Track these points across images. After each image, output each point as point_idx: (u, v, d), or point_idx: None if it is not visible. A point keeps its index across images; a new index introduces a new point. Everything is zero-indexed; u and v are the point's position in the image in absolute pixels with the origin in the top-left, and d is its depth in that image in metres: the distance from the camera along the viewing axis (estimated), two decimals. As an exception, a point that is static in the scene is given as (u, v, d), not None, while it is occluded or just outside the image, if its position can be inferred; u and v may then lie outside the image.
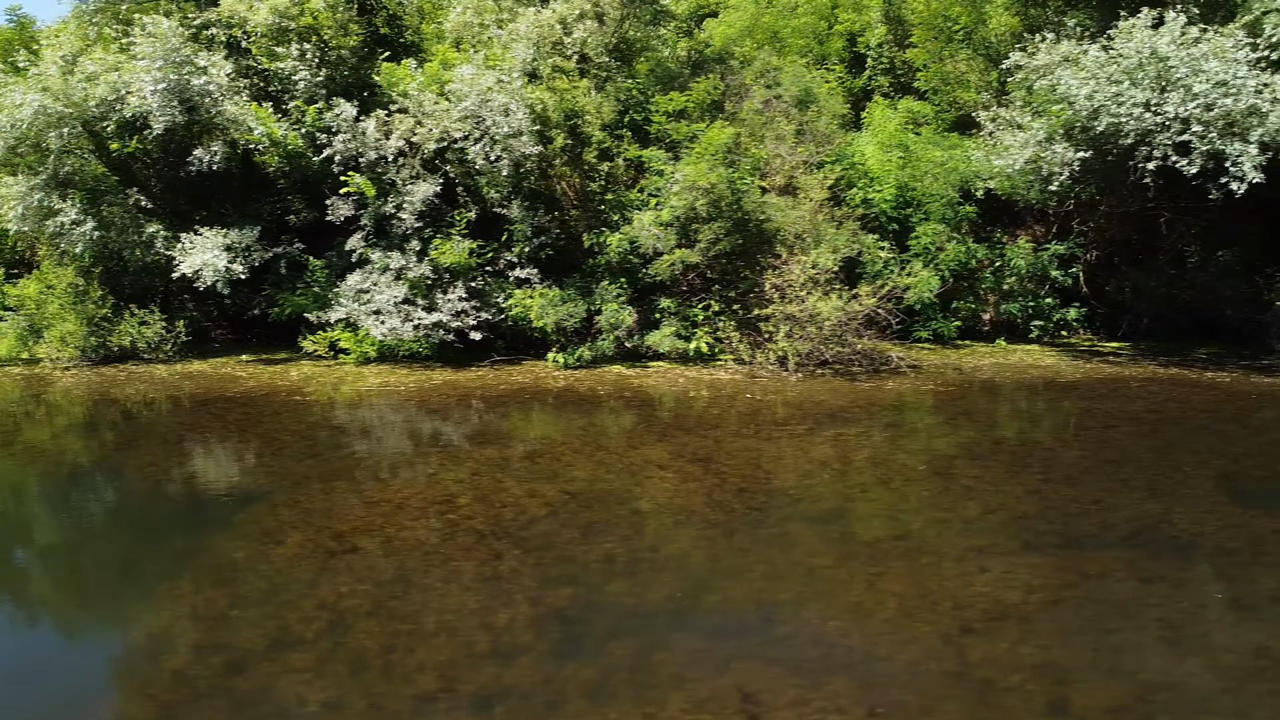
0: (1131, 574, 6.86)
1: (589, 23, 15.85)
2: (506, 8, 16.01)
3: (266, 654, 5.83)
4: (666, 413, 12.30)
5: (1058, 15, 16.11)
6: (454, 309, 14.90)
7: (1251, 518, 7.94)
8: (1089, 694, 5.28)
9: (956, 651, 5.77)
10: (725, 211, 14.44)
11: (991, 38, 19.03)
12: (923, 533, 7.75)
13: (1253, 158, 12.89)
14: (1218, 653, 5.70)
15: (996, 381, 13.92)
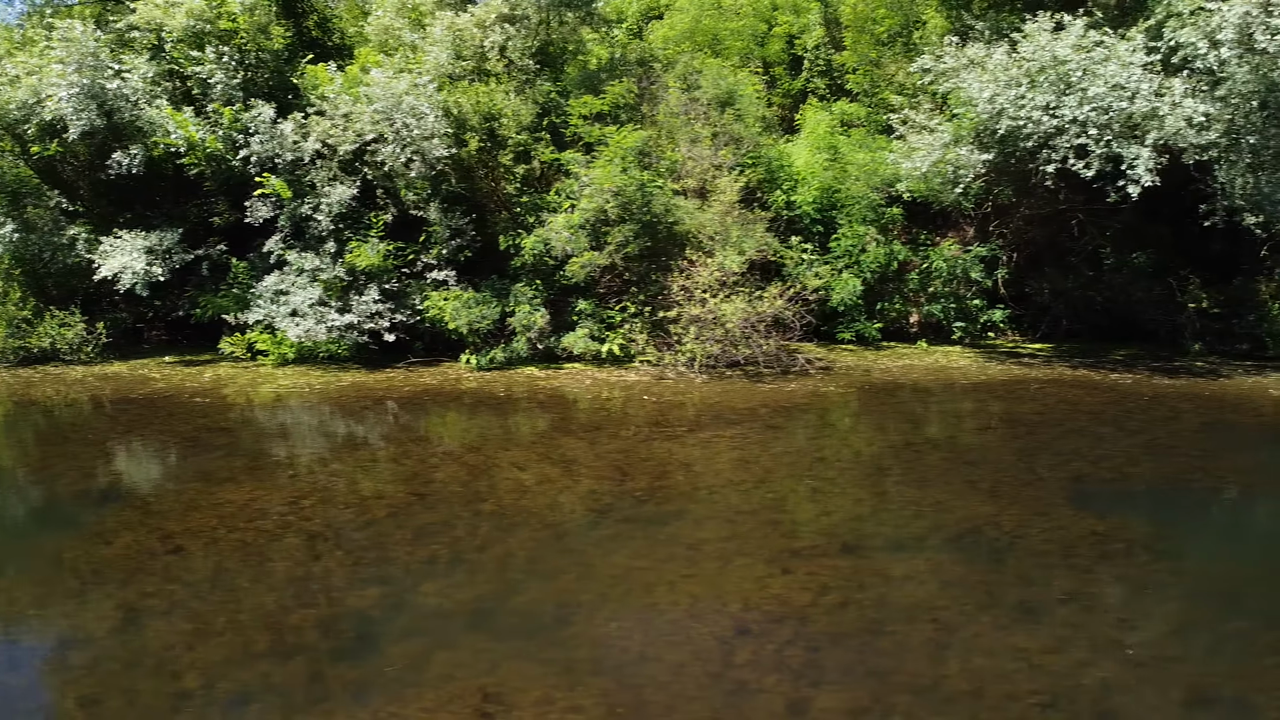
0: (934, 577, 6.94)
1: (507, 26, 15.94)
2: (426, 11, 16.10)
3: (49, 651, 5.95)
4: (555, 415, 12.40)
5: (978, 18, 16.18)
6: (368, 311, 15.01)
7: (1077, 520, 8.02)
8: (834, 696, 5.36)
9: (725, 653, 5.85)
10: (635, 214, 14.54)
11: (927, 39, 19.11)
12: (750, 535, 7.84)
13: (1147, 160, 12.98)
14: (977, 655, 5.79)
15: (900, 383, 14.00)
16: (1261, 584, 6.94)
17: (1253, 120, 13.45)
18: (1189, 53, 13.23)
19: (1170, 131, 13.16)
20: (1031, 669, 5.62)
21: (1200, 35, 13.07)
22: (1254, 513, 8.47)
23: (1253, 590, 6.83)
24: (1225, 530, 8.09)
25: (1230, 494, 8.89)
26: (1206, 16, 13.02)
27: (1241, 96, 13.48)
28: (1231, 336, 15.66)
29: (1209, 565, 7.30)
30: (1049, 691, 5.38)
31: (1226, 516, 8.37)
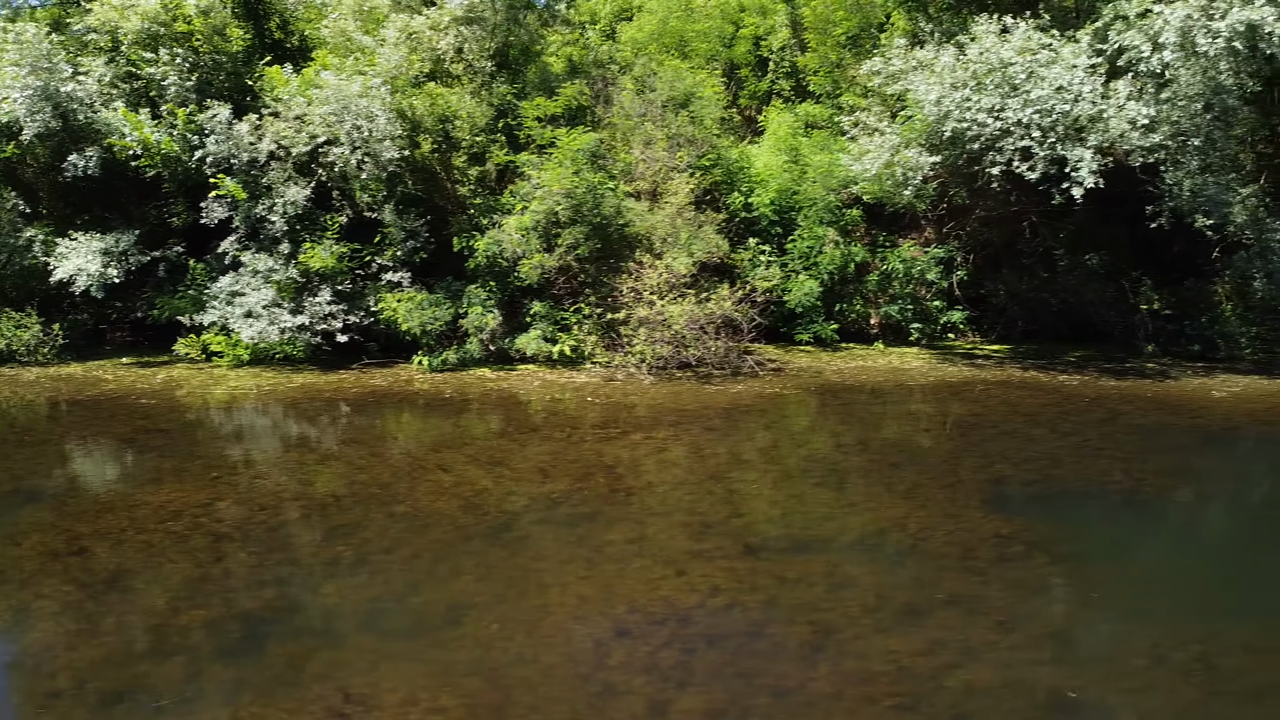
0: (827, 579, 6.99)
1: (463, 29, 15.99)
2: (381, 16, 16.15)
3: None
4: (495, 416, 12.44)
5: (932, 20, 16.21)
6: (321, 312, 15.06)
7: (985, 522, 8.06)
8: (696, 697, 5.40)
9: (600, 655, 5.89)
10: (585, 216, 14.58)
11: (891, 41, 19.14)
12: (656, 537, 7.88)
13: (1090, 162, 13.01)
14: (849, 658, 5.84)
15: (848, 385, 14.04)
16: (1150, 586, 6.98)
17: (1197, 123, 13.49)
18: (1133, 56, 13.27)
19: (1114, 134, 13.20)
20: (899, 671, 5.67)
21: (1144, 38, 13.11)
22: (1162, 515, 8.50)
23: (1140, 593, 6.87)
24: (1128, 533, 8.12)
25: (1145, 496, 8.92)
26: (1150, 20, 13.05)
27: (1187, 99, 13.52)
28: (1184, 338, 15.69)
29: (1104, 568, 7.33)
30: (910, 694, 5.42)
31: (1134, 519, 8.39)
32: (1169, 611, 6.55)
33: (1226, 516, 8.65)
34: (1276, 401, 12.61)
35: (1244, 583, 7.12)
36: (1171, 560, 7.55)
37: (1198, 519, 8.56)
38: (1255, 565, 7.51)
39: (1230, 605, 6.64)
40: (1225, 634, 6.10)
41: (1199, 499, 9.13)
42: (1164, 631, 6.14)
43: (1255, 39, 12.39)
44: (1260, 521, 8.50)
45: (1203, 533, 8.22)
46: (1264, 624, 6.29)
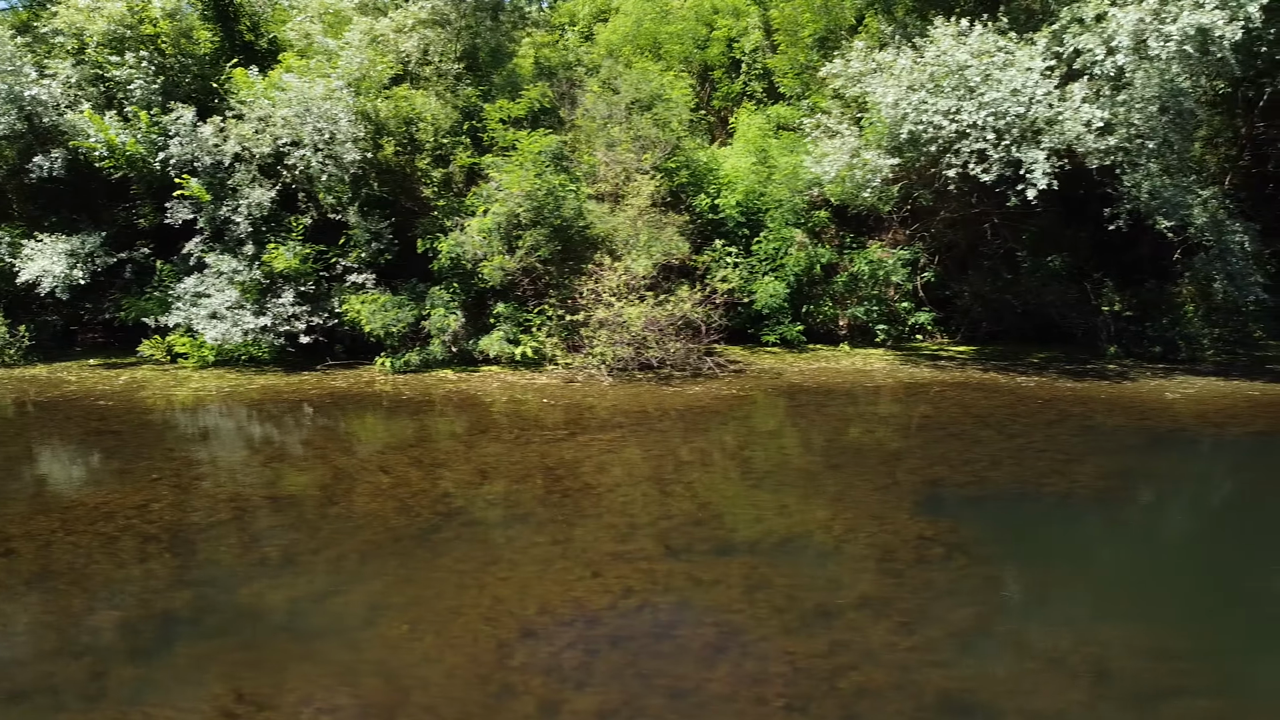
0: (744, 580, 7.03)
1: (427, 32, 16.04)
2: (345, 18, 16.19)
3: None
4: (447, 418, 12.49)
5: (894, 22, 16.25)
6: (285, 313, 15.11)
7: (910, 524, 8.11)
8: (590, 698, 5.45)
9: (503, 656, 5.94)
10: (546, 218, 14.64)
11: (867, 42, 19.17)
12: (582, 538, 7.93)
13: (1044, 164, 13.05)
14: (750, 659, 5.89)
15: (806, 387, 14.09)
16: (1063, 589, 7.04)
17: (1153, 125, 13.53)
18: (1088, 59, 13.31)
19: (1070, 136, 13.24)
20: (795, 673, 5.72)
21: (1098, 41, 13.15)
22: (1091, 518, 8.53)
23: (1051, 596, 6.93)
24: (1054, 535, 8.16)
25: (1078, 499, 8.95)
26: (1106, 23, 13.10)
27: (1143, 101, 13.56)
28: (1145, 340, 15.74)
29: (1021, 570, 7.39)
30: (802, 695, 5.47)
31: (1062, 521, 8.43)
32: (1075, 614, 6.61)
33: (1154, 520, 8.69)
34: (1228, 403, 12.66)
35: (1154, 586, 7.16)
36: (1089, 563, 7.59)
37: (1126, 522, 8.59)
38: (1170, 569, 7.56)
39: (1137, 609, 6.68)
40: (1125, 637, 6.15)
41: (1132, 502, 9.17)
42: (1065, 634, 6.19)
43: (1206, 42, 12.43)
44: (1186, 525, 8.55)
45: (1127, 536, 8.25)
46: (1166, 628, 6.34)
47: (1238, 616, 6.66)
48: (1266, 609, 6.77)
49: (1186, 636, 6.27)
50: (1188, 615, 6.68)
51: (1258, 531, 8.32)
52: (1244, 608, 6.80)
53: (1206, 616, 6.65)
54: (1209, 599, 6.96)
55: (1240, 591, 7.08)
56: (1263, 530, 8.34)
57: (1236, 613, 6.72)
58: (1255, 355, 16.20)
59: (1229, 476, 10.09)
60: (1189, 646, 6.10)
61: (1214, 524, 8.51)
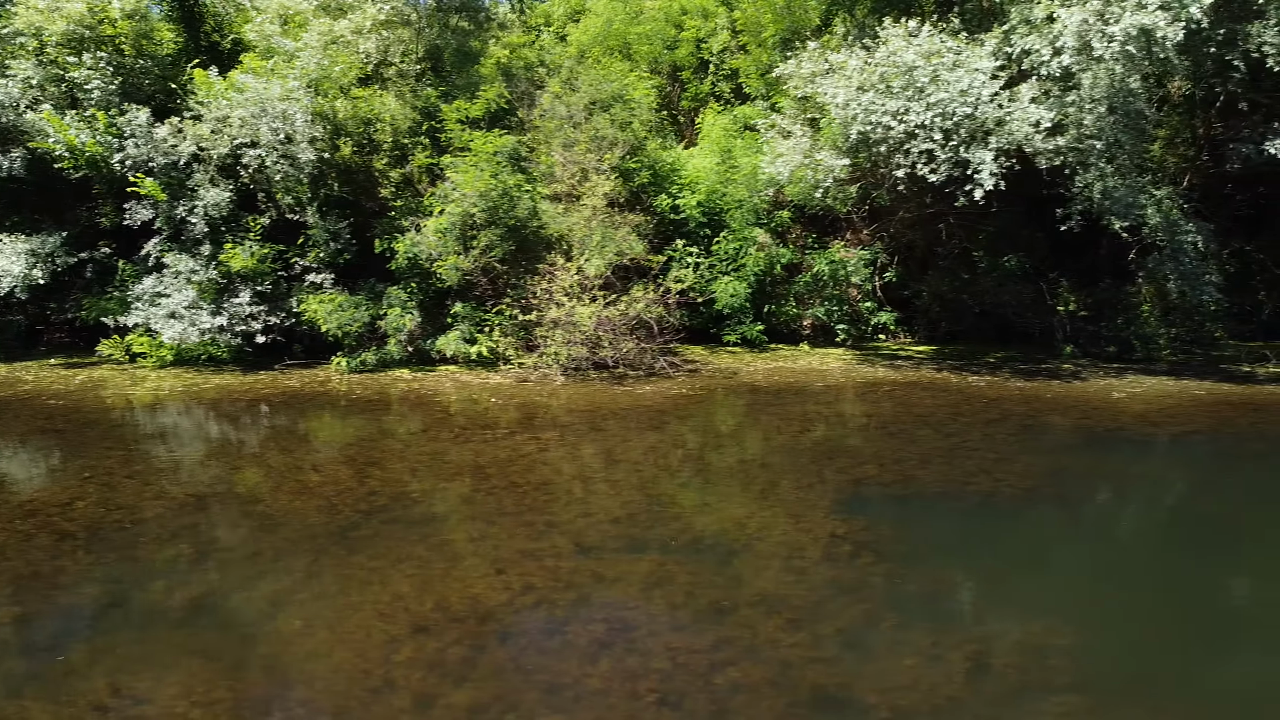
0: (647, 578, 7.07)
1: (385, 33, 16.11)
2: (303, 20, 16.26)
3: None
4: (393, 417, 12.53)
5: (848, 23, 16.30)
6: (242, 313, 15.18)
7: (825, 523, 8.16)
8: (466, 693, 5.49)
9: (390, 652, 5.98)
10: (500, 218, 14.69)
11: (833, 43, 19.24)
12: (497, 536, 7.97)
13: (991, 165, 13.11)
14: (634, 655, 5.93)
15: (757, 386, 14.13)
16: (962, 587, 7.09)
17: (1102, 125, 13.58)
18: (1035, 60, 13.36)
19: (1018, 137, 13.29)
20: (675, 667, 5.77)
21: (1044, 42, 13.19)
22: (1008, 517, 8.57)
23: (949, 593, 6.97)
24: (967, 533, 8.22)
25: (1001, 498, 8.99)
26: (1053, 24, 13.14)
27: (1092, 102, 13.61)
28: (1101, 339, 15.78)
29: (925, 568, 7.41)
30: (677, 691, 5.52)
31: (979, 520, 8.48)
32: (967, 611, 6.66)
33: (1070, 519, 8.67)
34: (1172, 403, 12.70)
35: (1054, 584, 7.21)
36: (994, 561, 7.64)
37: (1041, 521, 8.59)
38: (1074, 568, 7.59)
39: (1030, 605, 6.72)
40: (1010, 634, 6.19)
41: (1053, 501, 9.13)
42: (953, 631, 6.23)
43: (1149, 43, 12.48)
44: (1099, 524, 8.57)
45: (1039, 535, 8.27)
46: (1051, 625, 6.37)
47: (1130, 614, 6.71)
48: (1161, 608, 6.83)
49: (1073, 633, 6.31)
50: (1080, 612, 6.72)
51: (1168, 530, 8.37)
52: (1139, 606, 6.85)
53: (1098, 614, 6.69)
54: (1106, 597, 7.00)
55: (1139, 590, 7.13)
56: (1173, 529, 8.39)
57: (1131, 610, 6.77)
58: (1212, 355, 16.24)
59: (1154, 476, 10.11)
60: (1072, 643, 6.14)
61: (1128, 523, 8.54)
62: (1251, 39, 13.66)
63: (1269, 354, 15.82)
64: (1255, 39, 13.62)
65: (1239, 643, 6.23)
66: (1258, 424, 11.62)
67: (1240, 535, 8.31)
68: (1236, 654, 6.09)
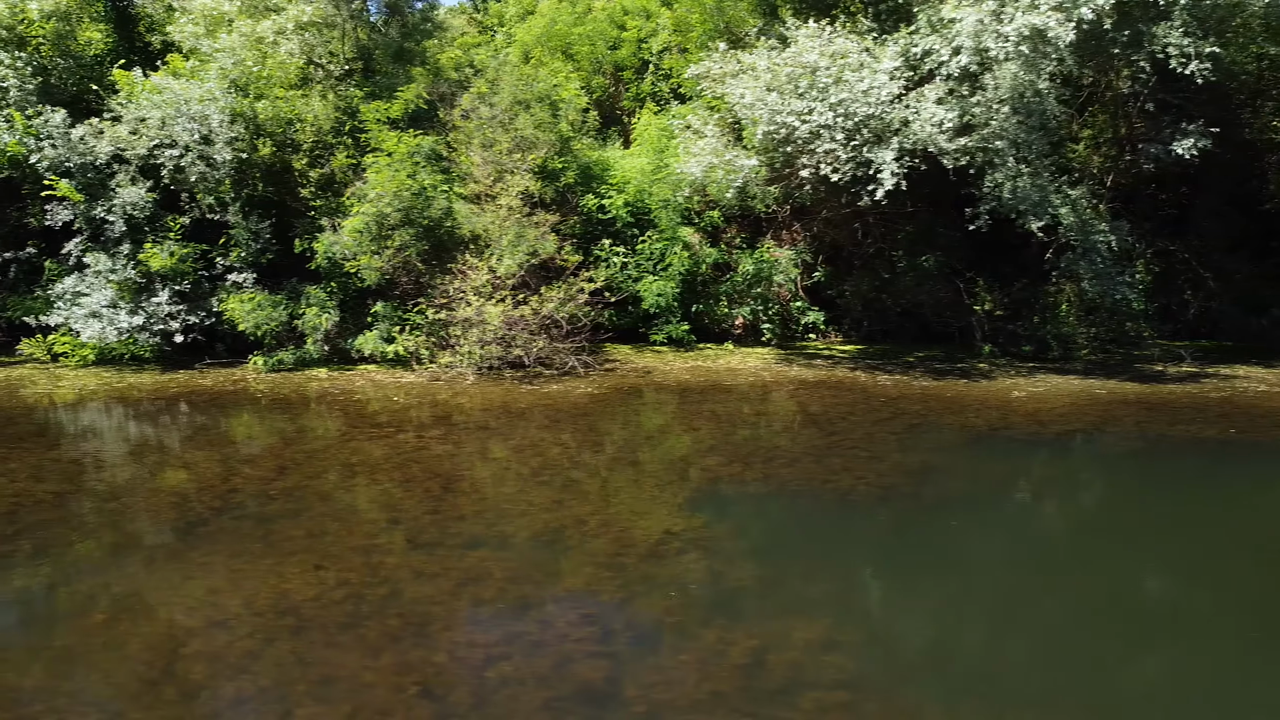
0: (465, 574, 7.14)
1: (308, 35, 16.20)
2: (224, 20, 16.34)
3: None
4: (289, 415, 12.59)
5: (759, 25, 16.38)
6: (162, 312, 15.26)
7: (666, 520, 8.23)
8: (236, 684, 5.57)
9: (179, 644, 6.05)
10: (414, 218, 14.78)
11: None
12: (340, 533, 8.03)
13: (892, 165, 13.18)
14: (420, 648, 5.99)
15: (664, 385, 14.19)
16: (776, 585, 7.15)
17: (1006, 125, 13.63)
18: (935, 60, 13.43)
19: (921, 137, 13.36)
20: (452, 661, 5.85)
21: (944, 43, 13.27)
22: (853, 514, 8.63)
23: (760, 589, 7.04)
24: (805, 531, 8.31)
25: (855, 495, 9.05)
26: (950, 25, 13.22)
27: (999, 102, 13.67)
28: (1017, 338, 15.85)
29: (746, 566, 7.49)
30: (445, 684, 5.60)
31: (821, 518, 8.55)
32: (770, 608, 6.71)
33: (916, 517, 8.70)
34: (1068, 402, 12.77)
35: (872, 582, 7.30)
36: (821, 559, 7.71)
37: (884, 519, 8.62)
38: (895, 565, 7.65)
39: (839, 603, 6.80)
40: (799, 631, 6.24)
41: (906, 499, 9.10)
42: (742, 628, 6.30)
43: (1042, 43, 12.54)
44: (943, 523, 8.59)
45: (876, 533, 8.32)
46: (846, 622, 6.44)
47: (935, 611, 6.78)
48: (967, 604, 6.90)
49: (864, 631, 6.39)
50: (882, 610, 6.80)
51: (1005, 529, 8.43)
52: (946, 603, 6.92)
53: (901, 612, 6.77)
54: (917, 595, 7.07)
55: (951, 587, 7.20)
56: (1010, 528, 8.45)
57: (936, 608, 6.84)
58: (1132, 354, 16.31)
59: (1017, 474, 10.09)
60: (858, 640, 6.21)
61: (969, 521, 8.56)
62: (1157, 40, 13.75)
63: (1184, 353, 15.88)
64: (1160, 40, 13.71)
65: (1033, 640, 6.31)
66: (1144, 423, 11.69)
67: (1076, 533, 8.40)
68: (1028, 651, 6.16)
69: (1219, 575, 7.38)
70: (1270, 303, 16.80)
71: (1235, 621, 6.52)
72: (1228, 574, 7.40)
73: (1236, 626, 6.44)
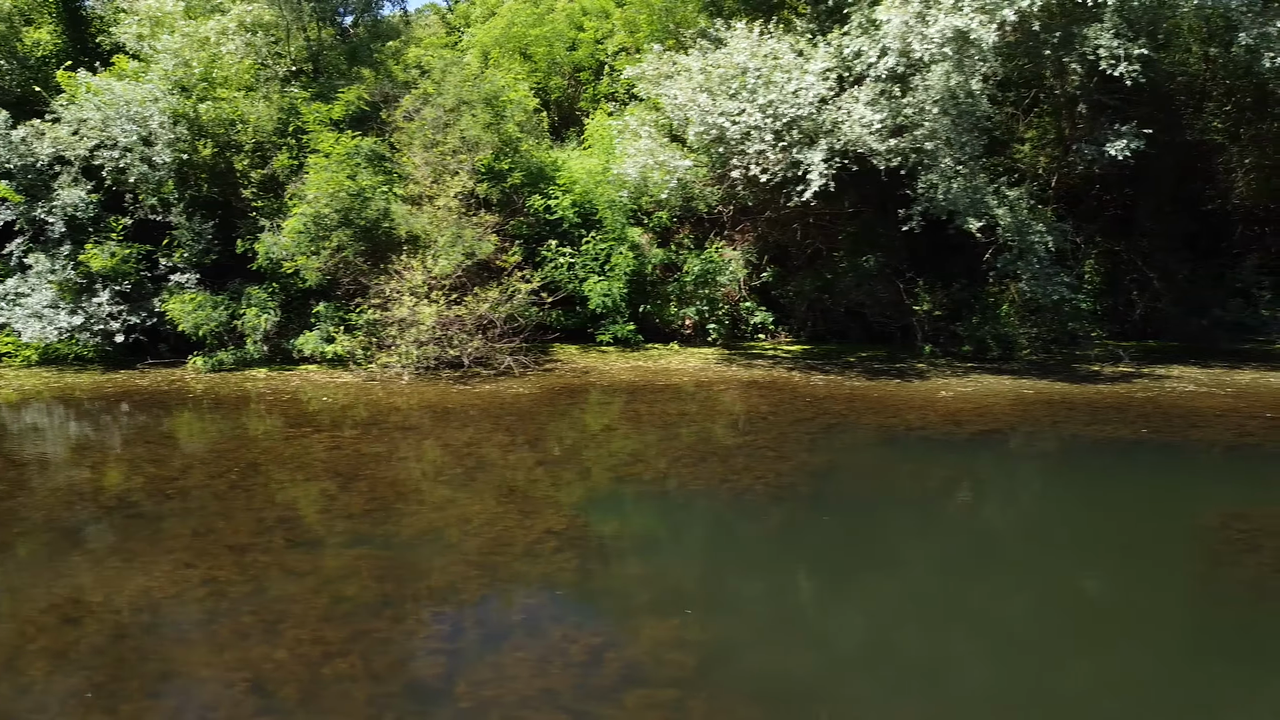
0: (336, 572, 7.17)
1: (252, 36, 16.27)
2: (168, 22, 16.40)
3: None
4: (214, 415, 12.63)
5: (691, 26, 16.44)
6: (103, 313, 15.32)
7: (548, 520, 8.25)
8: (72, 679, 5.61)
9: (22, 641, 6.06)
10: (351, 219, 14.83)
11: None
12: (222, 530, 8.04)
13: (820, 166, 13.22)
14: (260, 646, 6.03)
15: (598, 385, 14.24)
16: (640, 581, 7.19)
17: (938, 126, 13.67)
18: (864, 61, 13.47)
19: (850, 137, 13.40)
20: (291, 658, 5.86)
21: (872, 44, 13.31)
22: (742, 515, 8.66)
23: (622, 588, 7.09)
24: (689, 531, 8.36)
25: (750, 496, 9.07)
26: (878, 27, 13.26)
27: (931, 103, 13.71)
28: (958, 339, 15.88)
29: (617, 566, 7.54)
30: (276, 679, 5.62)
31: (709, 518, 8.60)
32: (629, 607, 6.75)
33: (805, 517, 8.71)
34: (992, 402, 12.80)
35: (743, 580, 7.33)
36: (697, 558, 7.77)
37: (772, 518, 8.63)
38: (770, 564, 7.68)
39: (694, 602, 6.83)
40: (649, 630, 6.27)
41: (801, 499, 9.03)
42: (592, 626, 6.36)
43: (966, 45, 12.58)
44: (831, 522, 8.62)
45: (760, 533, 8.34)
46: (697, 622, 6.46)
47: (795, 611, 6.83)
48: (827, 607, 6.94)
49: (717, 629, 6.42)
50: (743, 609, 6.84)
51: (893, 530, 8.44)
52: (810, 604, 6.97)
53: (760, 611, 6.81)
54: (785, 594, 7.11)
55: (821, 589, 7.25)
56: (898, 529, 8.47)
57: (796, 608, 6.89)
58: (1074, 354, 16.32)
59: (918, 474, 9.93)
60: (709, 638, 6.25)
61: (858, 521, 8.58)
62: (1088, 41, 13.78)
63: (1122, 354, 15.91)
64: (1091, 41, 13.74)
65: (878, 641, 6.34)
66: (1061, 423, 11.72)
67: (952, 533, 8.41)
68: (871, 652, 6.20)
69: (1076, 572, 7.44)
70: (1211, 303, 16.82)
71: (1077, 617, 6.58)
72: (1090, 570, 7.45)
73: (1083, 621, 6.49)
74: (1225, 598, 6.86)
